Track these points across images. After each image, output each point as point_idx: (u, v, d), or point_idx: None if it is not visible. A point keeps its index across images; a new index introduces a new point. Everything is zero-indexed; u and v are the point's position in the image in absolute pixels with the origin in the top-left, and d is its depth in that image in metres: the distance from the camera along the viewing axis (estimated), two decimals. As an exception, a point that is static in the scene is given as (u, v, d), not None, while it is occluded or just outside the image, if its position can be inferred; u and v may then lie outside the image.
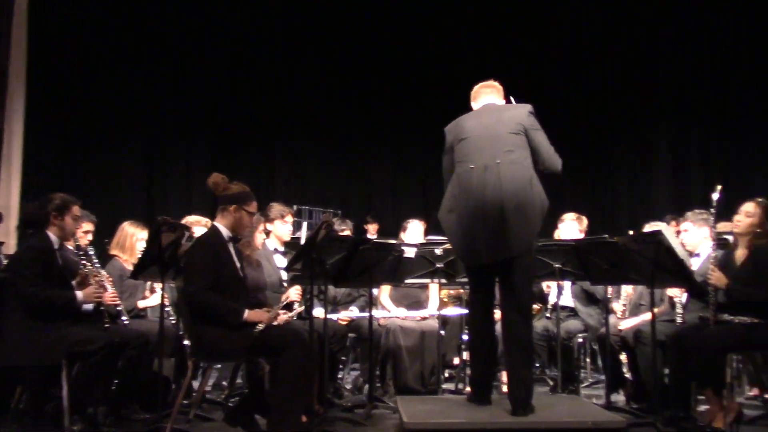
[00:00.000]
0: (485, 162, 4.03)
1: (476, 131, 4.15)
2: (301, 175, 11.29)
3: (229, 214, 4.19)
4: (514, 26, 11.05)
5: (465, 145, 4.14)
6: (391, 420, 4.68)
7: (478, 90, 4.43)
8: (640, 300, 5.39)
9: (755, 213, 4.44)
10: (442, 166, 4.30)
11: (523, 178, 4.00)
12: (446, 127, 4.32)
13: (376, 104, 11.34)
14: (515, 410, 3.92)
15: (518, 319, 4.02)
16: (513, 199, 3.94)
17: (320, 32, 11.06)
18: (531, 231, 3.99)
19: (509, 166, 4.01)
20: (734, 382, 4.86)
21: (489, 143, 4.08)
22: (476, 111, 4.35)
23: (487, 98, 4.37)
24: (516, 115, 4.15)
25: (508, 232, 3.92)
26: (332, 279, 4.76)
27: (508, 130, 4.09)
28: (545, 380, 6.12)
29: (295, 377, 3.85)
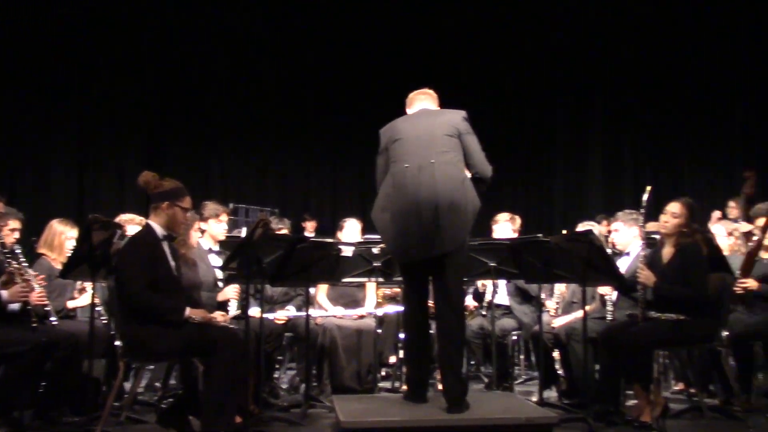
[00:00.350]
0: (420, 161, 4.09)
1: (411, 132, 4.20)
2: (236, 174, 11.17)
3: (162, 212, 4.11)
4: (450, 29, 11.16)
5: (400, 146, 4.18)
6: (327, 419, 4.67)
7: (413, 97, 4.49)
8: (572, 298, 5.51)
9: (681, 213, 4.58)
10: (376, 167, 4.34)
11: (457, 178, 4.08)
12: (381, 130, 4.36)
13: (314, 102, 11.32)
14: (450, 407, 3.97)
15: (451, 316, 4.09)
16: (447, 197, 4.01)
17: (257, 29, 10.97)
18: (463, 229, 4.06)
19: (444, 166, 4.07)
20: (661, 377, 5.01)
21: (424, 144, 4.13)
22: (411, 114, 4.41)
23: (421, 104, 4.43)
24: (451, 119, 4.22)
25: (441, 230, 3.98)
26: (269, 278, 4.73)
27: (443, 132, 4.16)
28: (480, 377, 6.21)
29: (228, 377, 3.81)
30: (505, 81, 11.44)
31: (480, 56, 11.26)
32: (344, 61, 11.18)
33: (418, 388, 4.26)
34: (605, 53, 11.36)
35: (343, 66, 11.18)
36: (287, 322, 5.53)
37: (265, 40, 11.00)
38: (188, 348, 3.94)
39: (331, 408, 4.66)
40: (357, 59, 11.17)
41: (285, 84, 11.17)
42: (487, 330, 5.61)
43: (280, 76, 11.14)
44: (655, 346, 4.41)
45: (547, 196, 11.72)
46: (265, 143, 11.26)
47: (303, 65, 11.17)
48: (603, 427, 4.30)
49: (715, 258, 4.71)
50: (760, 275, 4.98)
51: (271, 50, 11.06)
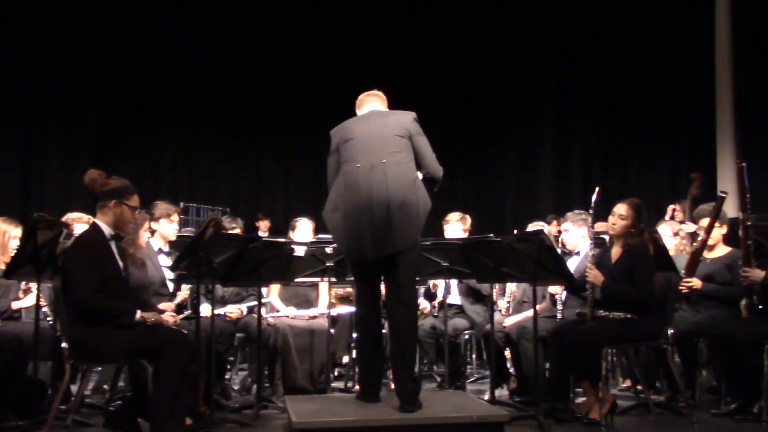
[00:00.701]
0: (372, 161, 4.10)
1: (363, 133, 4.22)
2: (187, 172, 11.03)
3: (109, 210, 4.04)
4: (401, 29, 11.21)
5: (351, 146, 4.19)
6: (279, 420, 4.64)
7: (363, 98, 4.51)
8: (523, 297, 5.57)
9: (628, 215, 4.66)
10: (327, 167, 4.34)
11: (408, 178, 4.11)
12: (331, 131, 4.37)
13: (266, 100, 11.24)
14: (403, 407, 3.97)
15: (404, 315, 4.10)
16: (398, 196, 4.03)
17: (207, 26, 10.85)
18: (415, 228, 4.09)
19: (395, 166, 4.10)
20: (609, 374, 5.10)
21: (375, 143, 4.15)
22: (362, 115, 4.43)
23: (371, 106, 4.45)
24: (401, 120, 4.25)
25: (393, 229, 4.01)
26: (220, 278, 4.68)
27: (394, 133, 4.18)
28: (433, 377, 6.24)
29: (178, 378, 3.77)
30: (457, 82, 11.53)
31: (431, 57, 11.33)
32: (296, 60, 11.14)
33: (371, 388, 4.26)
34: (556, 55, 11.54)
35: (294, 65, 11.14)
36: (238, 321, 5.48)
37: (215, 37, 10.89)
38: (137, 349, 3.88)
39: (283, 409, 4.63)
40: (308, 58, 11.14)
41: (236, 82, 11.08)
42: (439, 329, 5.64)
43: (231, 74, 11.04)
44: (603, 344, 4.48)
45: (498, 196, 11.85)
46: (215, 141, 11.15)
47: (254, 62, 11.10)
48: (553, 424, 4.36)
49: (661, 258, 4.82)
50: (703, 274, 5.11)
51: (222, 47, 10.95)
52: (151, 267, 5.01)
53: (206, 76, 10.92)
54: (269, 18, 11.05)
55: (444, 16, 11.25)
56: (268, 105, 11.22)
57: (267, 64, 11.11)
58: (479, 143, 11.77)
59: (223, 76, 11.00)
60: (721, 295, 5.04)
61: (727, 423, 4.48)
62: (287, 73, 11.14)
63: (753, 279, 4.59)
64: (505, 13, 11.50)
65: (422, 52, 11.29)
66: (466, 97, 11.59)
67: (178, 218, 5.46)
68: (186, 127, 10.91)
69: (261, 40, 11.05)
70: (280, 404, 4.84)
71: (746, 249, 4.67)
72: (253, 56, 11.06)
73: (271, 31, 11.07)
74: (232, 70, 11.01)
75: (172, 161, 10.92)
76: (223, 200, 10.74)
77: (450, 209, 6.38)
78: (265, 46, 11.07)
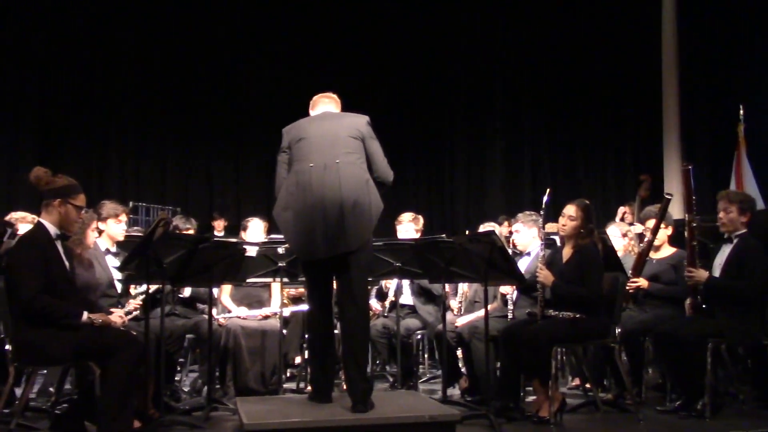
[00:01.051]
0: (325, 161, 4.11)
1: (316, 132, 4.22)
2: (136, 171, 10.83)
3: (54, 209, 3.96)
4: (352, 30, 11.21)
5: (304, 145, 4.19)
6: (230, 422, 4.59)
7: (317, 99, 4.53)
8: (474, 297, 5.62)
9: (577, 216, 4.73)
10: (277, 165, 4.32)
11: (361, 179, 4.13)
12: (284, 129, 4.37)
13: (216, 98, 11.12)
14: (355, 407, 3.97)
15: (356, 315, 4.11)
16: (351, 197, 4.05)
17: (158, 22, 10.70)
18: (367, 228, 4.11)
19: (348, 167, 4.12)
20: (558, 373, 5.17)
21: (329, 143, 4.16)
22: (315, 116, 4.44)
23: (325, 107, 4.47)
24: (355, 122, 4.28)
25: (346, 228, 4.02)
26: (170, 278, 4.62)
27: (347, 134, 4.20)
28: (386, 377, 6.25)
29: (126, 380, 3.71)
30: (407, 83, 11.58)
31: (382, 59, 11.36)
32: (246, 58, 11.06)
33: (323, 389, 4.25)
34: (505, 57, 11.67)
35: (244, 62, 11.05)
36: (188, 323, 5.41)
37: (164, 34, 10.73)
38: (83, 351, 3.81)
39: (234, 410, 4.59)
40: (259, 57, 11.06)
41: (185, 79, 10.92)
42: (391, 329, 5.65)
43: (180, 71, 10.88)
44: (553, 343, 4.54)
45: (449, 198, 11.92)
46: (165, 139, 10.98)
47: (204, 60, 10.96)
48: (503, 422, 4.40)
49: (609, 258, 4.91)
50: (649, 274, 5.22)
51: (172, 45, 10.80)
52: (98, 268, 4.91)
53: (155, 73, 10.75)
54: (220, 17, 10.94)
55: (394, 18, 11.29)
56: (218, 103, 11.10)
57: (217, 61, 11.00)
58: (430, 145, 11.84)
59: (173, 73, 10.84)
60: (666, 295, 5.16)
61: (672, 419, 4.58)
62: (237, 71, 11.05)
63: (697, 279, 4.70)
64: (454, 15, 11.59)
65: (373, 54, 11.31)
66: (416, 99, 11.65)
67: (126, 218, 5.37)
68: (135, 124, 10.73)
69: (211, 39, 10.92)
70: (231, 406, 4.79)
71: (691, 250, 4.78)
72: (203, 54, 10.93)
73: (222, 30, 10.97)
74: (181, 67, 10.86)
75: (120, 159, 10.71)
76: (172, 200, 10.59)
77: (402, 210, 6.40)
78: (215, 44, 10.95)
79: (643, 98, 11.11)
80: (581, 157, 11.64)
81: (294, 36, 11.08)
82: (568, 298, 4.62)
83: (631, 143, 11.47)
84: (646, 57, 10.70)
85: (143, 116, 10.73)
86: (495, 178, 11.60)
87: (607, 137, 11.53)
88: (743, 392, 5.08)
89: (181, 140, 11.05)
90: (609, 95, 11.49)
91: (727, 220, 4.74)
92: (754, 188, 8.43)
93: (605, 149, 11.55)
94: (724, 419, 4.49)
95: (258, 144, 10.82)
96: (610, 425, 4.61)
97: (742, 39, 10.57)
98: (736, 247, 4.70)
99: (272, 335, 5.43)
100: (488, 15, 11.58)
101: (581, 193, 10.37)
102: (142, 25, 10.60)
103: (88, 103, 10.33)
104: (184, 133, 11.02)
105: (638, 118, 11.35)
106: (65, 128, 10.23)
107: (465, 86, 11.77)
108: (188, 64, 10.87)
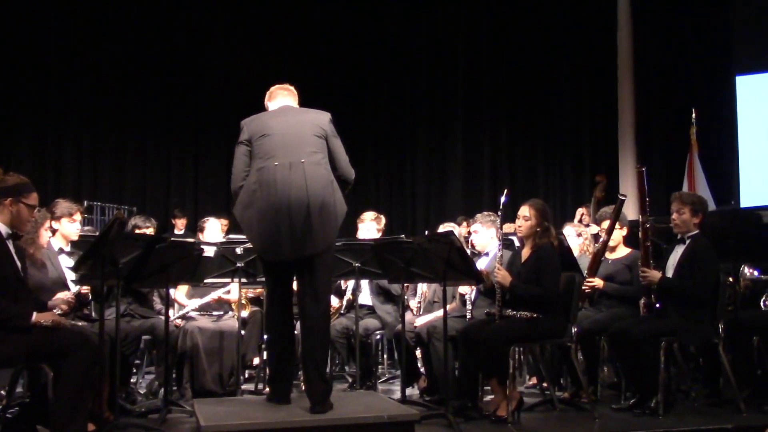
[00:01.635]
0: (290, 159, 4.07)
1: (280, 130, 4.17)
2: (91, 169, 10.64)
3: (5, 209, 3.87)
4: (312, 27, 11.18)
5: (268, 142, 4.14)
6: (187, 424, 4.54)
7: (274, 91, 4.48)
8: (433, 297, 5.64)
9: (532, 215, 4.78)
10: (235, 158, 4.24)
11: (326, 179, 4.12)
12: (243, 121, 4.29)
13: (173, 94, 10.98)
14: (314, 408, 3.96)
15: (319, 316, 4.10)
16: (317, 198, 4.03)
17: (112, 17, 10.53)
18: (333, 229, 4.10)
19: (314, 167, 4.09)
20: (516, 372, 5.22)
21: (294, 142, 4.13)
22: (277, 110, 4.39)
23: (283, 100, 4.43)
24: (319, 120, 4.25)
25: (313, 230, 4.00)
26: (125, 279, 4.54)
27: (312, 132, 4.18)
28: (344, 377, 6.24)
29: (80, 383, 3.63)
30: (367, 82, 11.59)
31: (341, 56, 11.34)
32: (203, 53, 10.94)
33: (281, 389, 4.23)
34: (464, 57, 11.75)
35: (201, 58, 10.93)
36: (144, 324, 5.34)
37: (118, 29, 10.56)
38: (35, 353, 3.72)
39: (191, 412, 4.53)
40: (216, 52, 10.95)
41: (141, 75, 10.77)
42: (350, 329, 5.64)
43: (136, 67, 10.71)
44: (510, 342, 4.58)
45: (408, 198, 11.96)
46: (121, 137, 10.80)
47: (159, 55, 10.82)
48: (462, 422, 4.42)
49: (565, 258, 4.97)
50: (605, 274, 5.30)
51: (126, 40, 10.62)
52: (51, 268, 4.81)
53: (110, 68, 10.57)
54: (176, 11, 10.81)
55: (354, 17, 11.28)
56: (175, 100, 10.96)
57: (173, 56, 10.86)
58: (389, 144, 11.86)
59: (128, 69, 10.67)
60: (621, 294, 5.24)
61: (627, 417, 4.65)
62: (195, 66, 10.92)
63: (651, 279, 4.78)
64: (414, 15, 11.63)
65: (332, 52, 11.29)
66: (375, 98, 11.66)
67: (80, 217, 5.26)
68: (89, 121, 10.53)
69: (166, 35, 10.79)
70: (188, 408, 4.73)
71: (645, 250, 4.86)
72: (159, 49, 10.78)
73: (177, 25, 10.84)
74: (137, 63, 10.70)
75: (74, 157, 10.51)
76: (129, 199, 10.43)
77: (362, 210, 6.41)
78: (171, 40, 10.82)
79: (600, 101, 11.30)
80: (540, 158, 11.78)
81: (250, 30, 11.00)
82: (525, 297, 4.66)
83: (588, 145, 11.64)
84: (603, 61, 10.89)
85: (99, 112, 10.54)
86: (454, 178, 11.67)
87: (565, 139, 11.69)
88: (695, 390, 5.19)
89: (138, 138, 10.88)
90: (566, 98, 11.66)
91: (680, 221, 4.83)
92: (705, 190, 8.63)
93: (563, 151, 11.70)
94: (677, 416, 4.57)
95: (217, 142, 10.71)
96: (567, 423, 4.67)
97: (695, 44, 10.80)
98: (688, 248, 4.79)
99: (230, 336, 5.38)
100: (447, 15, 11.65)
101: (540, 194, 10.51)
102: (100, 21, 10.42)
103: (41, 98, 10.13)
104: (142, 130, 10.86)
105: (595, 121, 11.53)
106: (18, 124, 10.02)
107: (425, 87, 11.82)
108: (144, 60, 10.71)
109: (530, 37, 11.42)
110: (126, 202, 10.03)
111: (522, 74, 11.55)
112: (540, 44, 11.41)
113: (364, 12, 11.27)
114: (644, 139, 10.73)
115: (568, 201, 11.33)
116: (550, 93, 11.64)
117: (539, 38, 11.40)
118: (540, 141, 11.76)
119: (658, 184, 9.78)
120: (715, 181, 9.37)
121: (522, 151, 11.81)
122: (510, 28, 11.52)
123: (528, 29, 11.42)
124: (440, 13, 11.69)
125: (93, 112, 10.52)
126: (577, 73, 11.52)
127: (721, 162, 10.45)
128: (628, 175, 9.85)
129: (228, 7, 11.00)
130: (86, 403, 3.74)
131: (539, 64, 11.49)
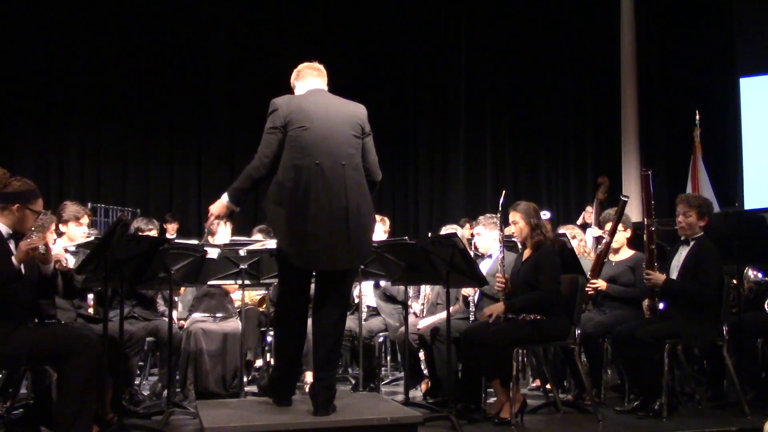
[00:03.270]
0: (332, 161, 3.91)
1: (319, 121, 3.96)
2: (95, 171, 10.66)
3: (11, 213, 3.85)
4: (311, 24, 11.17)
5: (308, 135, 3.93)
6: (191, 426, 4.55)
7: (303, 70, 4.23)
8: (437, 299, 5.63)
9: (519, 219, 4.77)
10: (264, 144, 3.96)
11: (364, 186, 4.01)
12: (277, 100, 4.00)
13: (177, 97, 10.98)
14: (317, 410, 3.95)
15: (339, 323, 4.07)
16: (356, 207, 3.92)
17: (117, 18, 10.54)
18: (368, 243, 4.07)
19: (353, 172, 3.97)
20: (519, 374, 5.21)
21: (335, 140, 3.96)
22: (311, 95, 4.13)
23: (314, 81, 4.20)
24: (357, 115, 4.09)
25: (351, 244, 3.90)
26: (129, 280, 4.55)
27: (351, 130, 4.02)
28: (347, 379, 6.24)
29: (84, 384, 3.63)
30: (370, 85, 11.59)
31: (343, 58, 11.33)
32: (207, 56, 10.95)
33: (285, 392, 4.21)
34: (468, 59, 11.75)
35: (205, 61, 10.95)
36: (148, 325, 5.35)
37: (124, 32, 10.59)
38: (40, 354, 3.72)
39: (194, 414, 4.53)
40: (220, 54, 10.96)
41: (146, 77, 10.78)
42: (354, 331, 5.64)
43: (140, 70, 10.73)
44: (513, 344, 4.57)
45: (412, 201, 11.96)
46: (125, 139, 10.82)
47: (164, 58, 10.83)
48: (465, 424, 4.42)
49: (568, 260, 4.97)
50: (608, 276, 5.30)
51: (132, 43, 10.64)
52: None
53: (113, 71, 10.58)
54: (179, 13, 10.83)
55: (356, 20, 11.29)
56: (178, 102, 10.97)
57: (176, 59, 10.87)
58: (392, 148, 11.86)
59: (132, 72, 10.68)
60: (624, 296, 5.24)
61: (630, 419, 4.64)
62: (197, 69, 10.93)
63: (655, 282, 4.77)
64: (417, 17, 11.64)
65: (334, 54, 11.26)
66: (378, 100, 11.65)
67: (88, 220, 5.28)
68: (93, 123, 10.55)
69: (169, 38, 10.81)
70: (192, 409, 4.74)
71: (650, 253, 4.84)
72: (162, 51, 10.80)
73: (180, 29, 10.86)
74: (140, 65, 10.71)
75: (78, 159, 10.53)
76: (132, 201, 10.44)
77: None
78: (174, 43, 10.84)
79: (603, 103, 11.30)
80: (543, 160, 11.78)
81: (252, 33, 11.00)
82: (525, 307, 4.65)
83: (591, 147, 11.64)
84: (606, 63, 10.90)
85: (102, 115, 10.56)
86: (457, 180, 11.67)
87: (568, 141, 11.70)
88: (699, 392, 5.19)
89: (141, 140, 10.90)
90: (569, 100, 11.67)
91: (686, 224, 4.82)
92: (709, 191, 8.62)
93: (566, 153, 11.70)
94: (680, 419, 4.57)
95: (219, 144, 10.72)
96: (570, 425, 4.66)
97: (698, 46, 10.79)
98: (692, 250, 4.78)
99: (233, 338, 5.39)
100: (451, 18, 11.65)
101: (542, 197, 10.52)
102: (102, 25, 10.45)
103: (46, 101, 10.15)
104: (146, 133, 10.87)
105: (598, 123, 11.52)
106: (22, 126, 10.04)
107: (429, 88, 11.82)
108: (148, 62, 10.73)
109: (533, 39, 11.43)
110: (129, 205, 10.04)
111: (525, 77, 11.57)
112: (543, 47, 11.42)
113: (366, 15, 11.27)
114: (647, 142, 10.73)
115: (570, 203, 11.33)
116: (553, 95, 11.65)
117: (542, 41, 11.41)
118: (543, 143, 11.77)
119: (661, 186, 9.77)
120: (719, 183, 9.36)
121: (525, 153, 11.82)
122: (513, 31, 11.53)
123: (531, 32, 11.44)
124: (443, 16, 11.70)
125: (96, 114, 10.54)
126: (581, 75, 11.53)
127: (724, 164, 10.45)
128: (631, 176, 9.85)
129: (231, 9, 11.01)
130: (90, 404, 3.74)
131: (542, 66, 11.50)
